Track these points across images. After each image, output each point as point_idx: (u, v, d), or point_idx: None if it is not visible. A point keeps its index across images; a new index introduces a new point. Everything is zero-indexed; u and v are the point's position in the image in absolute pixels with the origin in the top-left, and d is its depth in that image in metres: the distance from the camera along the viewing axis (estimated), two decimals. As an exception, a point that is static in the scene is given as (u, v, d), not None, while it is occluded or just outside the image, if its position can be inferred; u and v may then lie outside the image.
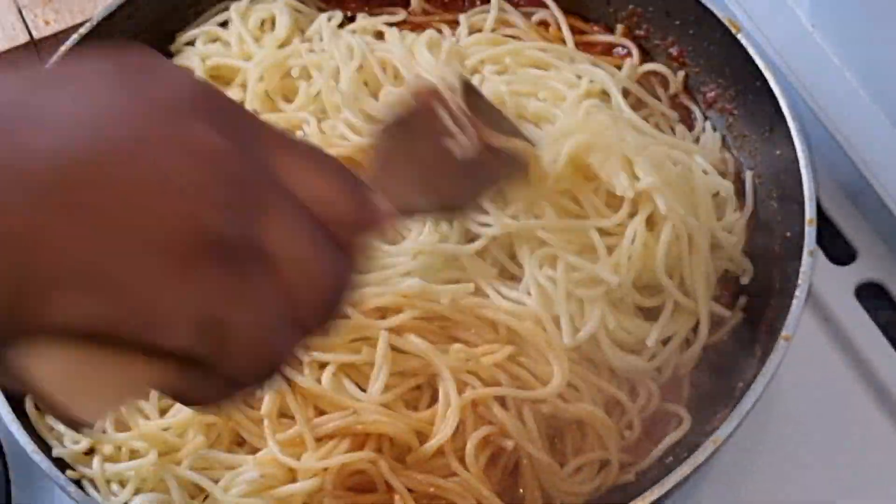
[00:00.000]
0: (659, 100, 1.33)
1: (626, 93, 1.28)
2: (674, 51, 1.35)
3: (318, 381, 1.10)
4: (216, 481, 1.10)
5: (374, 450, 1.08)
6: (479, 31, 1.34)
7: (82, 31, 1.32)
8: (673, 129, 1.30)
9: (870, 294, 1.36)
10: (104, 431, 1.13)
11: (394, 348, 1.11)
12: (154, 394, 1.11)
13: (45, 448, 1.12)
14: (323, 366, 1.11)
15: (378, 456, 1.08)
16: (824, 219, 1.39)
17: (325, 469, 1.08)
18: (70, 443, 1.13)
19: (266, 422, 1.10)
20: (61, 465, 1.11)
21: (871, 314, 1.33)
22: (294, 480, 1.09)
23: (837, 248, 1.39)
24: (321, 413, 1.10)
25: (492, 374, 1.11)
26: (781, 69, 1.43)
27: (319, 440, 1.09)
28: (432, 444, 1.08)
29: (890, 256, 1.37)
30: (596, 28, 1.39)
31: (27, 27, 1.43)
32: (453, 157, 0.96)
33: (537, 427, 1.10)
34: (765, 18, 1.48)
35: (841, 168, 1.39)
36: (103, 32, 1.33)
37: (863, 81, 1.41)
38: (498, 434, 1.08)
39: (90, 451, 1.13)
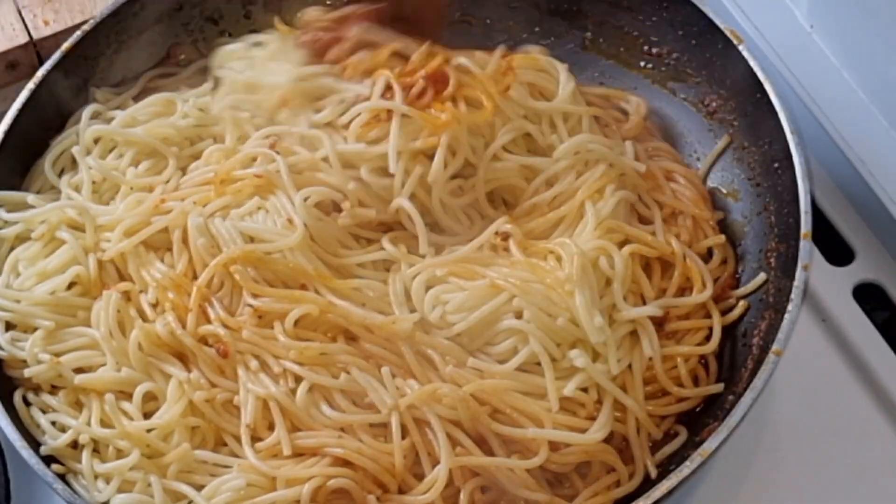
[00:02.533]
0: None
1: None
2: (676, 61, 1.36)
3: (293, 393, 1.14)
4: (200, 487, 1.12)
5: (353, 478, 1.11)
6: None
7: (82, 30, 1.32)
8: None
9: (867, 294, 1.37)
10: (89, 425, 1.14)
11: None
12: (138, 395, 1.14)
13: (35, 445, 1.13)
14: (299, 380, 1.14)
15: (363, 478, 1.11)
16: (822, 220, 1.40)
17: (307, 480, 1.10)
18: (51, 438, 1.14)
19: (243, 428, 1.12)
20: (53, 462, 1.13)
21: (868, 314, 1.34)
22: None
23: (835, 249, 1.39)
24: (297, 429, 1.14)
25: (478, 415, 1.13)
26: (779, 69, 1.43)
27: (300, 455, 1.12)
28: (422, 498, 1.10)
29: (888, 257, 1.38)
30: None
31: (26, 27, 1.43)
32: None
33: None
34: (763, 19, 1.48)
35: (839, 169, 1.39)
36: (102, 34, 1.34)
37: (861, 82, 1.41)
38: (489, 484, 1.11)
39: (76, 446, 1.15)
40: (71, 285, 1.22)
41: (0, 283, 1.23)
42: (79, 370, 1.18)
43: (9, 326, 1.21)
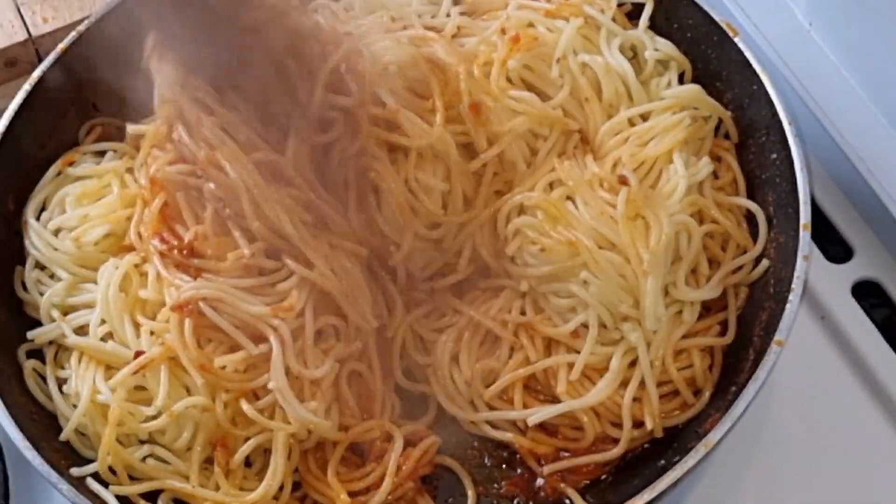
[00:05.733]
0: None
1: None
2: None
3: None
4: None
5: None
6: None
7: (75, 33, 1.32)
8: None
9: (866, 292, 1.37)
10: None
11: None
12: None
13: (38, 446, 1.11)
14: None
15: None
16: (821, 217, 1.40)
17: None
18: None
19: None
20: (54, 462, 1.11)
21: (867, 312, 1.34)
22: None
23: (834, 247, 1.39)
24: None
25: None
26: (777, 66, 1.43)
27: None
28: None
29: (887, 254, 1.38)
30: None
31: (25, 24, 1.43)
32: None
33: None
34: (761, 15, 1.48)
35: (838, 166, 1.39)
36: (102, 30, 1.33)
37: (859, 79, 1.41)
38: None
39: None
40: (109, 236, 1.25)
41: (44, 217, 1.27)
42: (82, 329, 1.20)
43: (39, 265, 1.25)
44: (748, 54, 1.24)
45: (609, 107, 1.28)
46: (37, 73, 1.29)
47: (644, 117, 1.28)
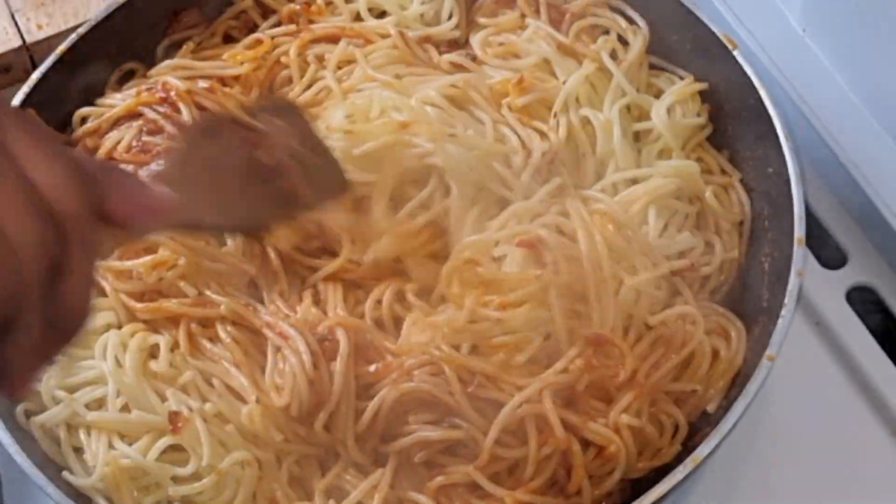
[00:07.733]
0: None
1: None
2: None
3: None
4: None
5: None
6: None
7: (75, 35, 1.31)
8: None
9: (861, 298, 1.37)
10: None
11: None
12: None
13: (28, 448, 1.09)
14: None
15: None
16: (815, 223, 1.40)
17: None
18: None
19: None
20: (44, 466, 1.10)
21: (861, 318, 1.34)
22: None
23: (829, 252, 1.39)
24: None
25: None
26: (772, 73, 1.43)
27: None
28: None
29: (881, 260, 1.38)
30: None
31: (20, 31, 1.43)
32: (255, 177, 0.96)
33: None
34: (756, 22, 1.48)
35: (832, 172, 1.40)
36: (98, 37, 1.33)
37: (854, 86, 1.41)
38: None
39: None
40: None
41: None
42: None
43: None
44: (747, 69, 1.24)
45: (600, 164, 1.25)
46: (31, 80, 1.27)
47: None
